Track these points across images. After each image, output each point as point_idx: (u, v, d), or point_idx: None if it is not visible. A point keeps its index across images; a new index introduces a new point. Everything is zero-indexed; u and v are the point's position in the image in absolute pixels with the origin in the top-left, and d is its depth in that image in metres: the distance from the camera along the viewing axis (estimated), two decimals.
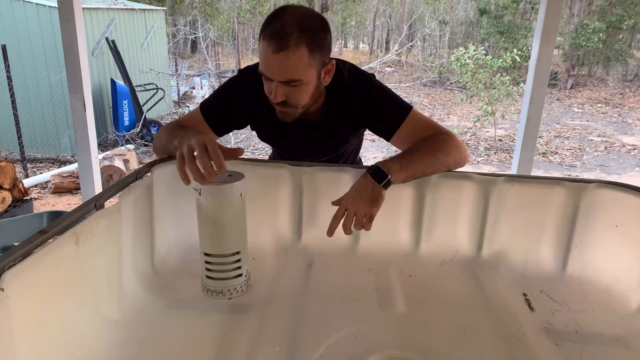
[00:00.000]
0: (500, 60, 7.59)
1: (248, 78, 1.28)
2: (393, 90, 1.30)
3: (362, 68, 1.33)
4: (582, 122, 9.14)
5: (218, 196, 0.98)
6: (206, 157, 0.95)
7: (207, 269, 1.04)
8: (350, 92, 1.24)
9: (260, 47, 1.10)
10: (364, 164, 1.62)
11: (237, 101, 1.30)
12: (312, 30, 1.09)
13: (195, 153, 0.96)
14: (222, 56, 16.67)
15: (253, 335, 0.92)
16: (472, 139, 7.64)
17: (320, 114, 1.27)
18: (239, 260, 1.04)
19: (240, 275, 1.05)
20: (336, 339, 0.91)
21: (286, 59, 1.07)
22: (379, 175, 1.08)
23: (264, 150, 6.54)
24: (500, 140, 7.58)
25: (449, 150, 1.18)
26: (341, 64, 1.27)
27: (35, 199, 4.73)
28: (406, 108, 1.24)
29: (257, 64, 1.30)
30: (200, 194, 0.98)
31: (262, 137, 1.44)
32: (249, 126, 1.39)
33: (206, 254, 1.03)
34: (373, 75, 1.29)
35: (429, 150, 1.17)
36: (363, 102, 1.25)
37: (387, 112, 1.24)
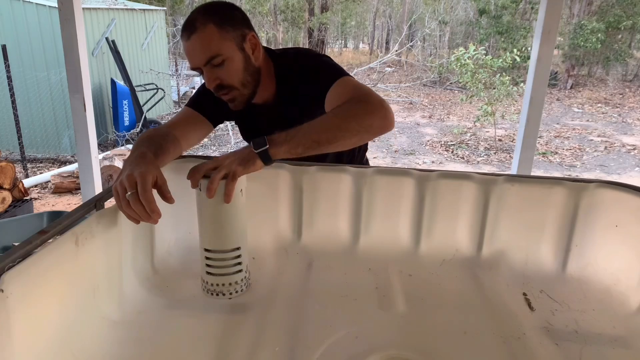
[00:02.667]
0: (500, 60, 7.59)
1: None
2: (393, 90, 1.29)
3: (362, 68, 1.32)
4: (582, 122, 9.14)
5: (219, 192, 0.97)
6: (136, 200, 0.88)
7: (207, 265, 1.04)
8: (296, 66, 1.25)
9: (183, 48, 1.16)
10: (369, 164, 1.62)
11: (211, 98, 1.28)
12: (215, 10, 1.15)
13: (127, 194, 0.89)
14: None
15: (253, 335, 0.92)
16: (472, 139, 7.64)
17: (275, 95, 1.28)
18: (239, 256, 1.04)
19: (240, 271, 1.05)
20: (336, 339, 0.91)
21: (198, 40, 1.11)
22: (260, 143, 0.98)
23: None
24: (500, 140, 7.58)
25: (354, 114, 1.03)
26: (294, 49, 1.31)
27: (35, 199, 4.73)
28: (340, 73, 1.18)
29: None
30: (200, 189, 0.98)
31: (241, 131, 1.44)
32: None
33: (206, 250, 1.03)
34: (325, 55, 1.31)
35: (327, 117, 1.05)
36: (305, 72, 1.22)
37: (322, 77, 1.19)
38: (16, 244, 0.77)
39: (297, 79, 1.24)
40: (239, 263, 1.05)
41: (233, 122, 1.44)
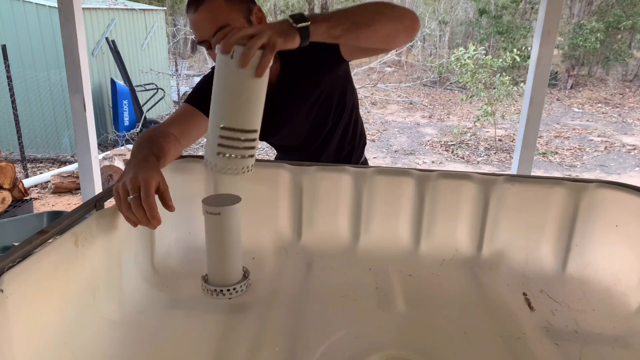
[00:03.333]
0: (500, 60, 7.59)
1: None
2: (393, 90, 1.29)
3: (362, 68, 1.31)
4: (582, 122, 9.14)
5: (251, 63, 0.86)
6: (138, 205, 0.87)
7: (221, 145, 0.89)
8: None
9: (189, 22, 1.16)
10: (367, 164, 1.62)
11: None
12: None
13: (128, 198, 0.88)
14: None
15: (253, 335, 0.92)
16: (472, 139, 7.64)
17: (279, 75, 1.27)
18: (254, 140, 0.92)
19: (252, 156, 0.93)
20: (336, 339, 0.91)
21: (206, 12, 1.11)
22: (300, 18, 0.94)
23: (263, 150, 6.55)
24: (500, 140, 7.58)
25: (388, 4, 1.05)
26: None
27: (35, 199, 4.73)
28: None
29: None
30: (232, 57, 0.85)
31: None
32: None
33: (224, 128, 0.89)
34: None
35: (363, 4, 1.05)
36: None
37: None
38: (16, 244, 0.77)
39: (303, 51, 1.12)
40: (253, 147, 0.92)
41: None
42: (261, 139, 1.45)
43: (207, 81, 1.30)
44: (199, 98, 1.27)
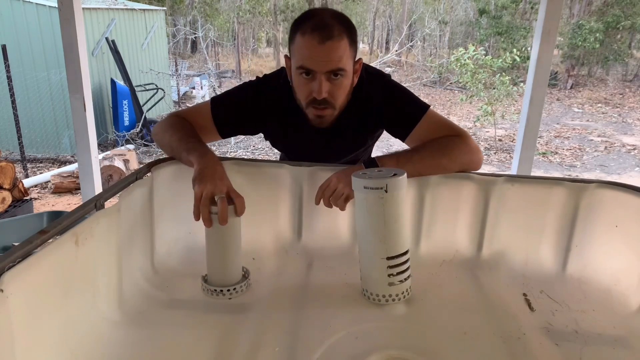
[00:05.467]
0: (500, 60, 7.59)
1: (270, 85, 1.28)
2: None
3: None
4: (582, 122, 9.14)
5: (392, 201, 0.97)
6: (225, 205, 0.98)
7: (391, 275, 1.00)
8: (368, 94, 1.24)
9: (301, 42, 1.10)
10: None
11: (252, 108, 1.28)
12: (348, 24, 1.13)
13: (216, 197, 0.99)
14: (222, 56, 16.67)
15: (253, 335, 0.92)
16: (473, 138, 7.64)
17: (341, 118, 1.25)
18: (408, 259, 1.03)
19: (409, 276, 1.03)
20: (336, 339, 0.91)
21: (332, 48, 1.09)
22: (371, 165, 1.10)
23: (263, 150, 6.54)
24: (500, 140, 7.58)
25: (457, 154, 1.18)
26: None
27: (35, 199, 4.73)
28: (423, 108, 1.24)
29: (278, 73, 1.30)
30: (386, 191, 0.96)
31: (277, 145, 1.43)
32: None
33: (390, 258, 0.99)
34: (389, 75, 1.29)
35: (433, 152, 1.17)
36: (382, 104, 1.25)
37: (404, 112, 1.24)
38: (16, 244, 0.77)
39: (368, 109, 1.25)
40: (409, 266, 1.03)
41: None
42: (285, 152, 1.46)
43: (238, 105, 1.29)
44: (223, 116, 1.27)
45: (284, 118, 1.29)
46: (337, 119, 1.23)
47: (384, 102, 1.25)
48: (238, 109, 1.28)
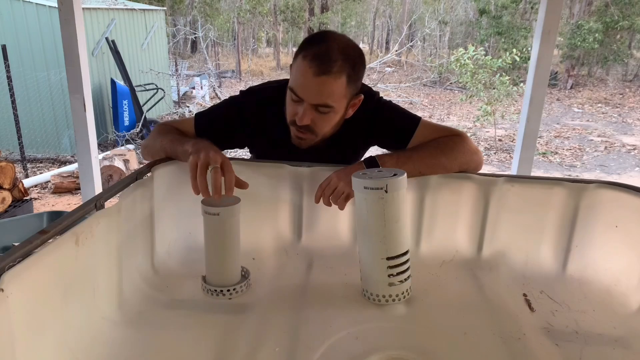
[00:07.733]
0: (500, 60, 7.59)
1: (255, 100, 1.28)
2: (393, 90, 1.30)
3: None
4: (582, 122, 9.14)
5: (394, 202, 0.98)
6: (219, 175, 0.97)
7: (391, 275, 1.00)
8: (358, 114, 1.23)
9: (299, 65, 1.09)
10: None
11: (236, 123, 1.28)
12: (354, 61, 1.10)
13: (209, 167, 0.98)
14: (222, 56, 16.67)
15: (253, 335, 0.92)
16: (472, 139, 7.62)
17: (328, 138, 1.25)
18: (408, 259, 1.03)
19: (410, 276, 1.03)
20: (336, 339, 0.91)
21: (325, 84, 1.07)
22: (372, 164, 1.11)
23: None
24: (500, 140, 7.58)
25: (456, 154, 1.18)
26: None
27: (35, 199, 4.73)
28: (415, 119, 1.25)
29: (262, 87, 1.30)
30: (387, 191, 0.95)
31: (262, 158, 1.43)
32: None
33: (390, 258, 0.99)
34: (378, 93, 1.30)
35: (432, 151, 1.17)
36: (373, 122, 1.26)
37: (398, 127, 1.26)
38: (16, 244, 0.77)
39: (359, 128, 1.26)
40: (409, 266, 1.03)
41: None
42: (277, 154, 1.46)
43: (222, 121, 1.28)
44: (206, 131, 1.25)
45: (269, 133, 1.29)
46: (330, 137, 1.24)
47: (376, 120, 1.26)
48: (221, 126, 1.28)
